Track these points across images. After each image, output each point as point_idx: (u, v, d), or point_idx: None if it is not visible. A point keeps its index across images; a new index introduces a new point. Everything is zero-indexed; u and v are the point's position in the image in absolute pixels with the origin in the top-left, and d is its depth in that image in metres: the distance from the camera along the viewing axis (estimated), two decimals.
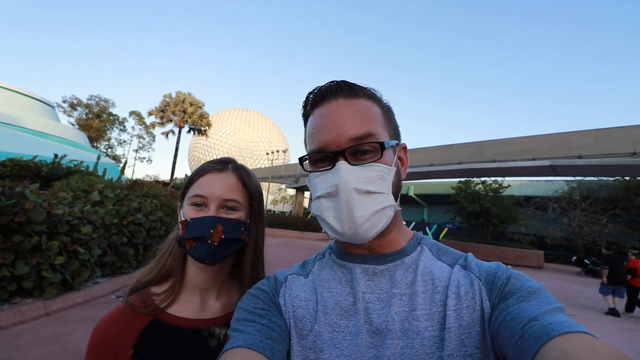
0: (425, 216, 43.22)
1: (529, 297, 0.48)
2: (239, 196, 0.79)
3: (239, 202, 0.79)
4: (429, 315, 0.53)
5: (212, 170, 0.79)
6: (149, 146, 51.24)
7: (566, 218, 22.82)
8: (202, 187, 0.77)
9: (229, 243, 0.76)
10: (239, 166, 0.84)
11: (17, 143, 13.76)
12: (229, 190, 0.78)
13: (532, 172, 22.45)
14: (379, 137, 0.58)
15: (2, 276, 3.63)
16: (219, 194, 0.76)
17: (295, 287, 0.64)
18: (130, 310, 0.73)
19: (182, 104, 30.65)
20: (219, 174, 0.79)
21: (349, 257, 0.64)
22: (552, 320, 0.41)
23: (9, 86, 29.16)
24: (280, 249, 14.01)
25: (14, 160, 7.95)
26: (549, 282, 13.42)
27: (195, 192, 0.77)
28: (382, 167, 0.57)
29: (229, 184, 0.78)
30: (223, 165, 0.81)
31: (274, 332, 0.56)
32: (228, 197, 0.77)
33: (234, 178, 0.80)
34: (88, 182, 6.74)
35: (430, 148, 26.41)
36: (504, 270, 0.55)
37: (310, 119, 0.62)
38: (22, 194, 4.05)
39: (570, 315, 1.72)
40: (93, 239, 4.90)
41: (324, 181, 0.59)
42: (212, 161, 0.83)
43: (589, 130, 19.13)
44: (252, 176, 0.85)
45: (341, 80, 0.61)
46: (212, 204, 0.75)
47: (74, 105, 43.48)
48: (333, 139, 0.57)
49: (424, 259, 0.61)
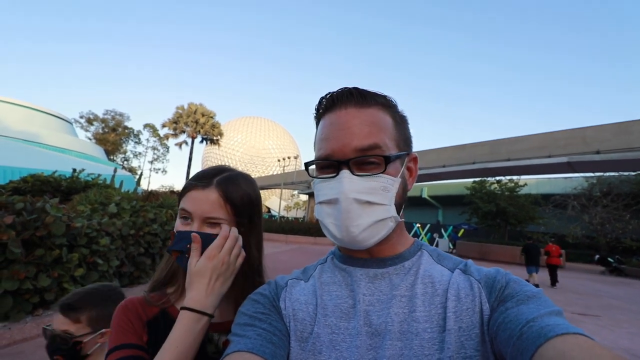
0: (440, 218, 42.62)
1: (527, 300, 0.49)
2: (221, 213, 0.78)
3: (221, 218, 0.79)
4: (428, 317, 0.54)
5: (195, 187, 0.79)
6: (164, 157, 52.42)
7: (587, 215, 22.13)
8: (187, 202, 0.79)
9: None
10: (223, 180, 0.81)
11: (37, 159, 14.23)
12: (211, 208, 0.77)
13: (549, 169, 21.93)
14: (385, 148, 0.58)
15: (26, 289, 3.74)
16: (200, 212, 0.77)
17: (295, 291, 0.65)
18: (144, 301, 0.81)
19: (194, 114, 31.30)
20: (202, 191, 0.79)
21: (350, 261, 0.65)
22: (550, 323, 0.42)
23: (28, 104, 30.30)
24: (296, 255, 14.04)
25: (35, 176, 8.23)
26: (571, 282, 13.01)
27: (182, 206, 0.80)
28: (386, 179, 0.58)
29: (210, 201, 0.78)
30: (207, 182, 0.80)
31: (275, 336, 0.56)
32: (208, 215, 0.78)
33: (216, 195, 0.78)
34: (105, 195, 6.90)
35: (442, 149, 26.13)
36: (504, 274, 0.56)
37: (321, 124, 0.63)
38: (43, 208, 4.18)
39: (594, 316, 1.67)
40: (111, 250, 5.00)
41: (326, 188, 0.60)
42: (197, 176, 0.83)
43: (607, 124, 18.63)
44: (241, 189, 0.82)
45: (353, 87, 0.61)
46: (195, 220, 0.78)
47: (90, 121, 44.93)
48: (339, 148, 0.58)
49: (424, 263, 0.62)
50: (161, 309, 0.80)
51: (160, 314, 0.79)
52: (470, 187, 23.96)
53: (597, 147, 18.34)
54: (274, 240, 21.92)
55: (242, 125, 71.35)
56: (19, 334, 3.48)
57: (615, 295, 10.50)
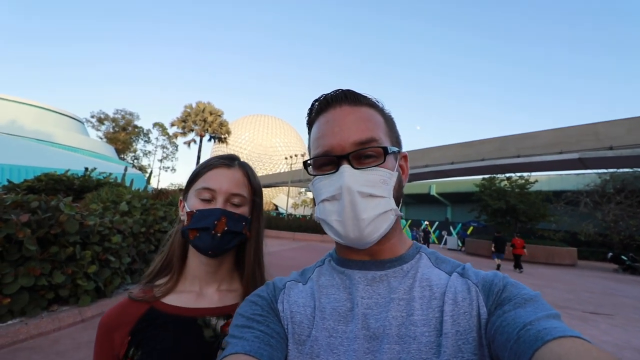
0: (448, 215, 42.29)
1: (525, 303, 0.49)
2: (244, 191, 0.82)
3: (244, 197, 0.81)
4: (426, 320, 0.54)
5: (220, 165, 0.82)
6: (173, 155, 53.03)
7: (600, 213, 21.72)
8: (211, 180, 0.79)
9: (232, 236, 0.79)
10: (244, 163, 0.88)
11: (50, 158, 14.50)
12: (236, 185, 0.80)
13: (560, 166, 21.54)
14: (381, 142, 0.59)
15: (41, 285, 3.84)
16: (227, 188, 0.78)
17: (293, 294, 0.65)
18: (130, 300, 0.78)
19: (202, 113, 31.52)
20: (227, 170, 0.81)
21: (348, 264, 0.64)
22: (547, 326, 0.42)
23: (41, 104, 30.89)
24: (303, 252, 14.09)
25: (48, 175, 8.40)
26: (583, 280, 12.81)
27: (204, 185, 0.79)
28: (384, 172, 0.58)
29: (236, 179, 0.81)
30: (230, 161, 0.84)
31: (273, 338, 0.56)
32: (235, 192, 0.79)
33: (240, 173, 0.83)
34: (117, 193, 7.02)
35: (450, 146, 25.85)
36: (501, 278, 0.56)
37: (315, 125, 0.64)
38: (57, 207, 4.27)
39: (607, 315, 1.65)
40: (123, 247, 5.10)
41: (328, 184, 0.59)
42: (220, 156, 0.86)
43: (620, 119, 18.16)
44: (255, 174, 0.88)
45: (346, 89, 0.62)
46: (220, 197, 0.78)
47: (101, 120, 45.68)
48: (337, 143, 0.58)
49: (423, 266, 0.62)
50: (150, 305, 0.78)
51: (148, 311, 0.77)
52: (479, 184, 23.68)
53: (610, 143, 17.93)
54: (282, 237, 22.01)
55: (250, 123, 71.60)
56: (35, 329, 3.58)
57: (629, 293, 10.29)
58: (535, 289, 0.54)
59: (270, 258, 0.94)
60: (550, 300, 7.92)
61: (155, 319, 0.75)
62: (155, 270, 0.85)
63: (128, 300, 0.78)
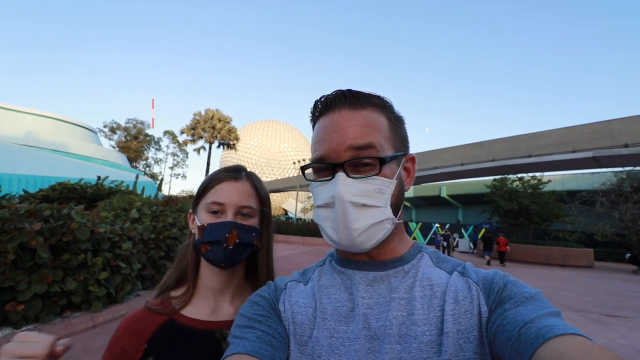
0: (460, 217, 41.70)
1: (525, 302, 0.49)
2: (253, 202, 0.83)
3: (253, 208, 0.83)
4: (426, 319, 0.53)
5: (227, 179, 0.82)
6: (183, 163, 53.78)
7: (617, 212, 21.05)
8: (219, 194, 0.80)
9: (243, 248, 0.80)
10: (250, 174, 0.88)
11: (64, 168, 14.88)
12: (245, 197, 0.82)
13: (573, 165, 21.06)
14: (380, 148, 0.58)
15: (54, 292, 3.92)
16: (236, 201, 0.80)
17: (294, 294, 0.65)
18: (148, 311, 0.79)
19: (211, 120, 31.94)
20: (235, 182, 0.82)
21: (348, 264, 0.64)
22: (548, 323, 0.42)
23: (57, 116, 31.76)
24: (313, 256, 14.05)
25: (62, 184, 8.63)
26: (599, 282, 12.45)
27: (213, 200, 0.80)
28: (381, 181, 0.57)
29: (244, 191, 0.82)
30: (237, 174, 0.85)
31: (274, 338, 0.56)
32: (244, 204, 0.81)
33: (248, 185, 0.84)
34: (128, 201, 7.16)
35: (460, 147, 25.53)
36: (502, 276, 0.56)
37: (316, 127, 0.64)
38: (69, 215, 4.37)
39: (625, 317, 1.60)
40: (133, 254, 5.17)
41: (323, 191, 0.60)
42: (226, 169, 0.86)
43: (635, 116, 17.67)
44: (263, 183, 0.89)
45: (347, 89, 0.61)
46: (229, 210, 0.79)
47: (113, 129, 46.74)
48: (333, 149, 0.58)
49: (424, 266, 0.61)
50: (169, 317, 0.79)
51: (167, 323, 0.78)
52: (490, 185, 23.30)
53: (625, 141, 17.47)
54: (291, 242, 22.02)
55: (258, 129, 72.11)
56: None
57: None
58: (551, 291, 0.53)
59: (279, 263, 0.95)
60: (567, 303, 7.72)
61: (174, 331, 0.77)
62: (169, 283, 0.87)
63: (146, 311, 0.79)
